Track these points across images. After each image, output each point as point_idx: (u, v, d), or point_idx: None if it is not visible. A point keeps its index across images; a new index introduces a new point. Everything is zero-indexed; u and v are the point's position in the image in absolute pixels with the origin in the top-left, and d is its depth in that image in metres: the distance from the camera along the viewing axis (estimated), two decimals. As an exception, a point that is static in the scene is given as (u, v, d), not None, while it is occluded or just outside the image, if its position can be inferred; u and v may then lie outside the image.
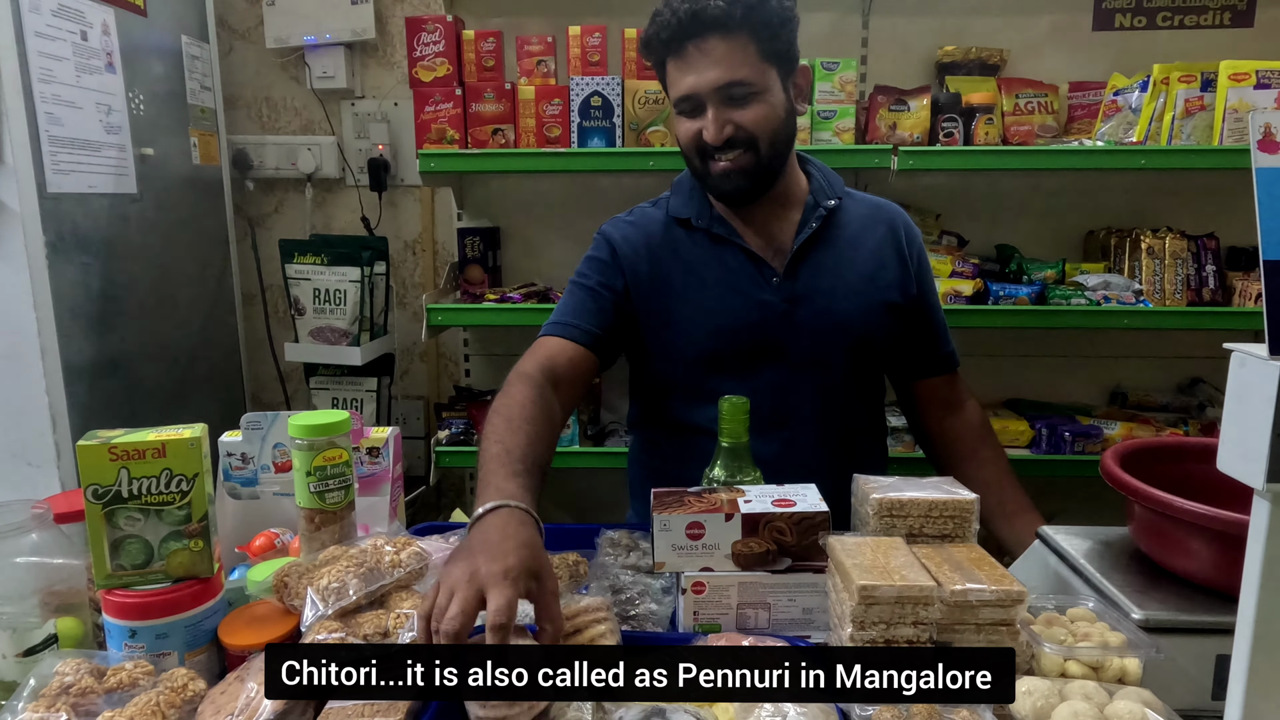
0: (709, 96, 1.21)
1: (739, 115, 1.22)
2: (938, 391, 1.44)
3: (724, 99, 1.21)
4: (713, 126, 1.22)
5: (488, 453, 1.01)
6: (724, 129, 1.22)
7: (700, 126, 1.23)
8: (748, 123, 1.22)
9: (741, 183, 1.26)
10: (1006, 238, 2.25)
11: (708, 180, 1.29)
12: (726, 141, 1.22)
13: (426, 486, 2.26)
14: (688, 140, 1.27)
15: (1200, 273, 1.99)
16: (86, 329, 1.80)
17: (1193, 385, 2.29)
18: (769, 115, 1.23)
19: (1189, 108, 1.87)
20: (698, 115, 1.24)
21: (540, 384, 1.17)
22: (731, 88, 1.20)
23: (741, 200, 1.31)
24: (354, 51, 2.37)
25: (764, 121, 1.23)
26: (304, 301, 2.18)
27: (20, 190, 1.62)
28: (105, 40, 1.84)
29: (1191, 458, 1.05)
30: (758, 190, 1.29)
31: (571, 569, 1.05)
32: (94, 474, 0.82)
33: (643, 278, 1.33)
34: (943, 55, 2.15)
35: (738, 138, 1.23)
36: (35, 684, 0.77)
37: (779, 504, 0.94)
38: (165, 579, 0.85)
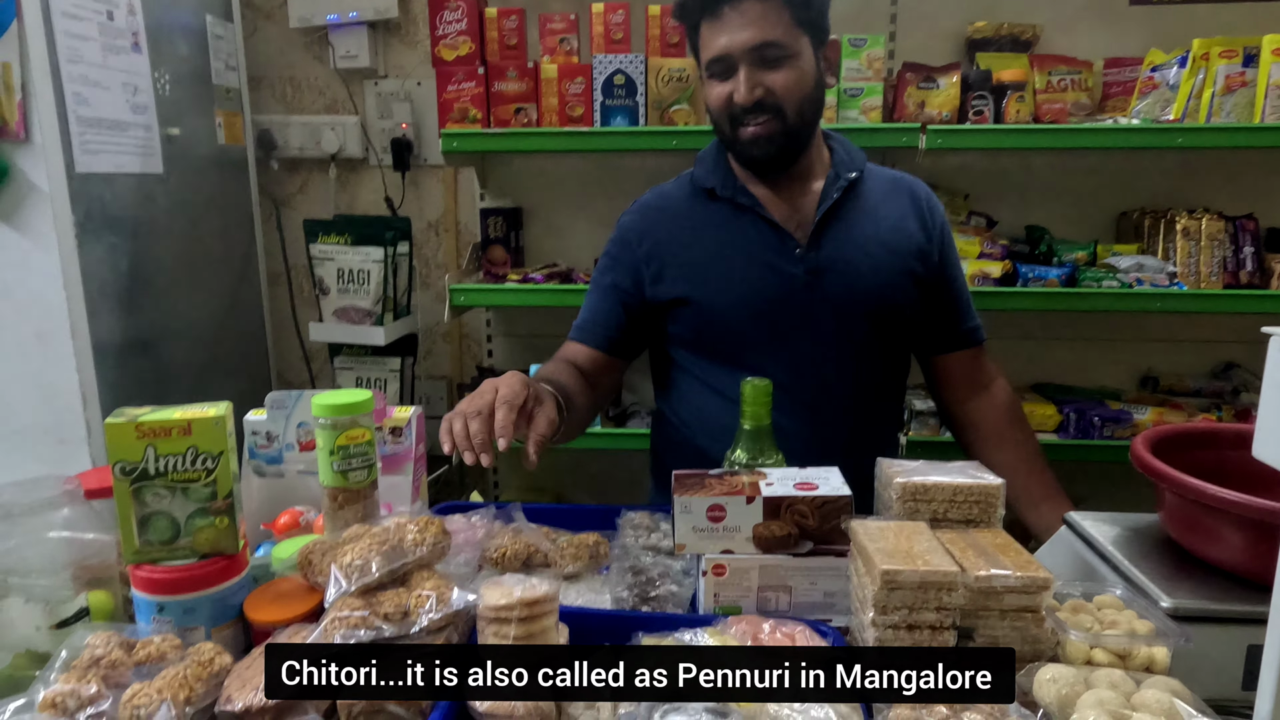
0: (741, 57, 1.22)
1: (770, 78, 1.22)
2: (962, 369, 1.42)
3: (756, 60, 1.22)
4: (744, 87, 1.22)
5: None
6: (754, 90, 1.22)
7: (731, 89, 1.24)
8: (778, 87, 1.23)
9: (769, 148, 1.27)
10: (1036, 218, 2.20)
11: (736, 146, 1.30)
12: (756, 104, 1.23)
13: (449, 466, 2.28)
14: (718, 104, 1.27)
15: (1238, 255, 1.94)
16: (115, 308, 1.82)
17: (1227, 370, 2.24)
18: (799, 81, 1.24)
19: (1230, 84, 1.82)
20: (729, 77, 1.25)
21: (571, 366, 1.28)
22: (764, 49, 1.21)
23: (768, 168, 1.31)
24: (377, 30, 2.36)
25: (794, 87, 1.23)
26: (328, 281, 2.20)
27: (49, 170, 1.64)
28: (131, 20, 1.85)
29: (1225, 444, 1.03)
30: (785, 158, 1.30)
31: (592, 549, 1.05)
32: (121, 451, 0.83)
33: (663, 255, 1.34)
34: (973, 31, 2.11)
35: (766, 102, 1.23)
36: (67, 655, 0.78)
37: (801, 487, 0.93)
38: (192, 555, 0.86)
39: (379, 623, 0.79)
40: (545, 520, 1.13)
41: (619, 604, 0.96)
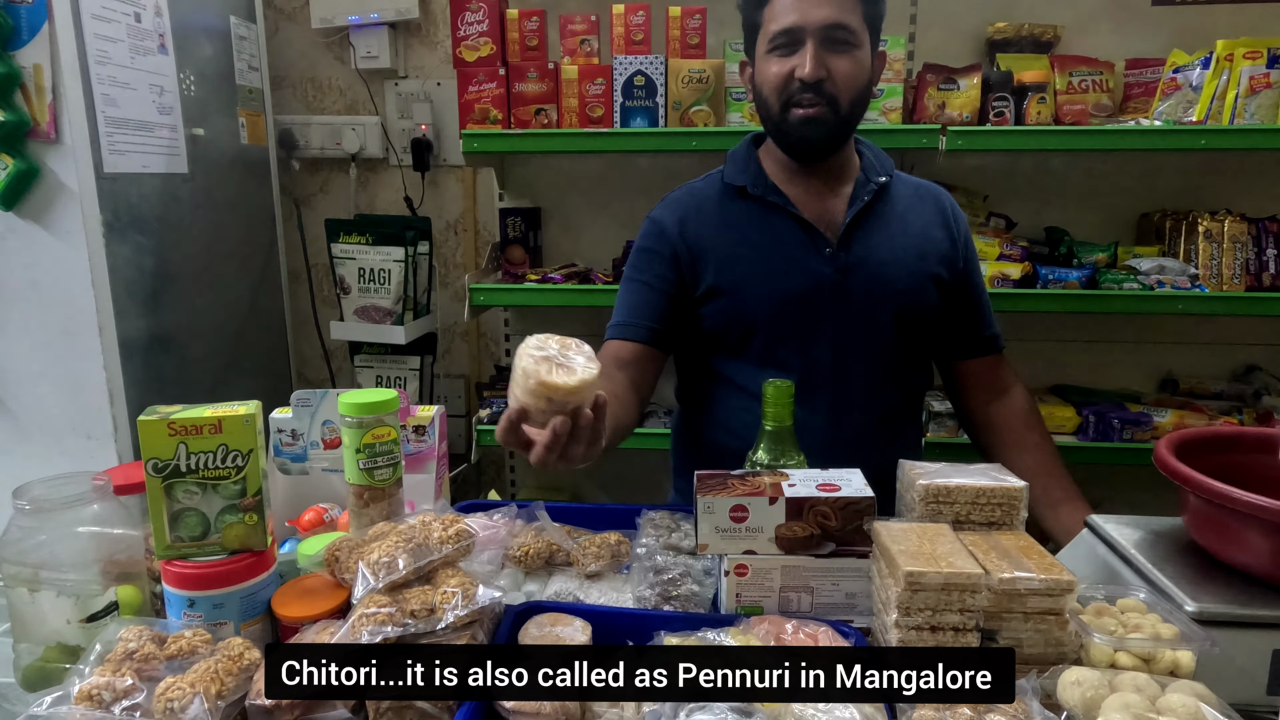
0: (813, 33, 1.22)
1: (834, 62, 1.23)
2: (982, 375, 1.43)
3: (825, 40, 1.22)
4: (811, 62, 1.22)
5: None
6: (819, 68, 1.22)
7: (793, 65, 1.24)
8: (839, 73, 1.23)
9: (819, 131, 1.27)
10: (1056, 220, 2.19)
11: (785, 125, 1.29)
12: (815, 85, 1.23)
13: (468, 464, 2.29)
14: (775, 81, 1.26)
15: (1260, 257, 1.92)
16: (141, 306, 1.85)
17: (1248, 373, 2.22)
18: (859, 72, 1.25)
19: (1254, 85, 1.80)
20: (792, 53, 1.24)
21: (609, 371, 1.22)
22: (836, 29, 1.22)
23: (812, 153, 1.31)
24: (398, 31, 2.38)
25: (852, 78, 1.24)
26: (349, 280, 2.22)
27: (78, 170, 1.66)
28: (158, 22, 1.87)
29: (1248, 448, 1.02)
30: (829, 146, 1.30)
31: (613, 549, 1.06)
32: (154, 448, 0.84)
33: (698, 248, 1.34)
34: (994, 32, 2.10)
35: (825, 87, 1.23)
36: (101, 649, 0.80)
37: (823, 488, 0.93)
38: (221, 551, 0.87)
39: (406, 619, 0.80)
40: (566, 519, 1.13)
41: (641, 603, 0.97)
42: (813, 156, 1.32)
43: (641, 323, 1.34)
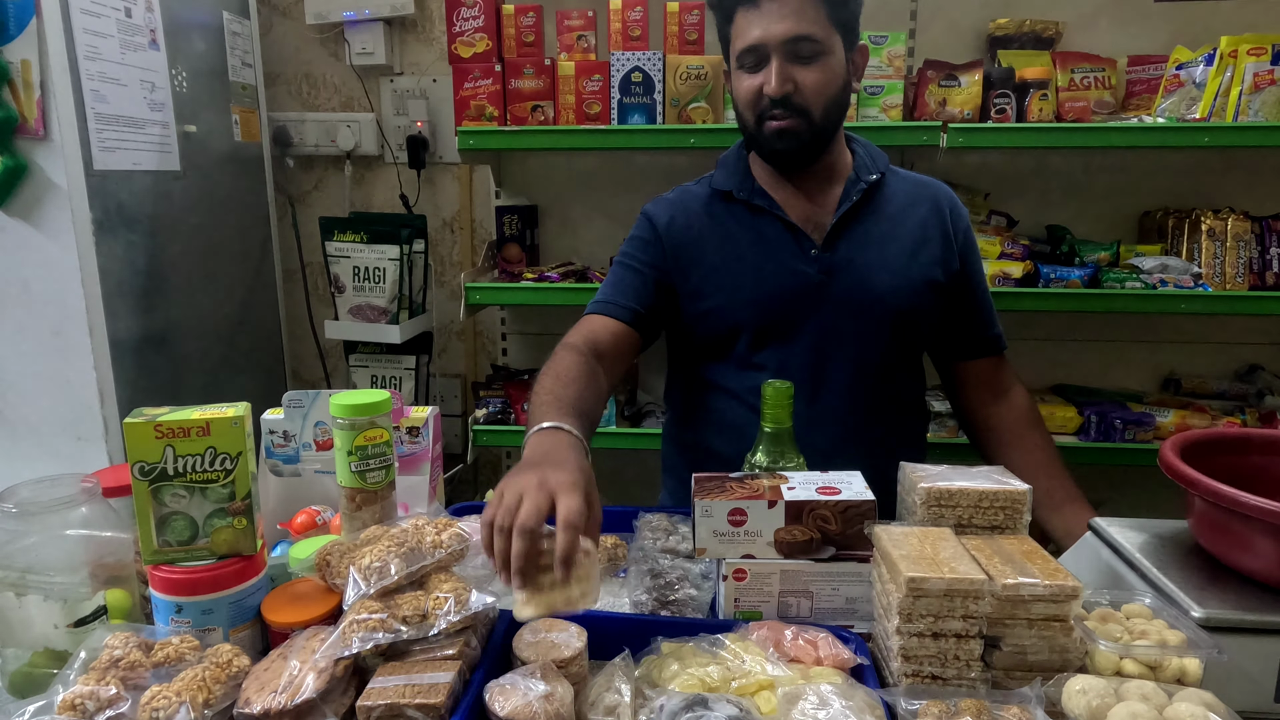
0: (775, 49, 1.21)
1: (801, 74, 1.22)
2: (982, 375, 1.41)
3: (789, 54, 1.21)
4: (776, 79, 1.21)
5: (539, 399, 1.05)
6: (785, 84, 1.21)
7: (761, 81, 1.23)
8: (807, 85, 1.22)
9: (793, 143, 1.26)
10: (1058, 218, 2.18)
11: (760, 139, 1.28)
12: (783, 100, 1.22)
13: (464, 465, 2.28)
14: (746, 96, 1.26)
15: (1264, 256, 1.90)
16: (132, 305, 1.83)
17: (1251, 372, 2.21)
18: (829, 81, 1.23)
19: (1258, 82, 1.79)
20: (759, 69, 1.24)
21: (586, 354, 1.20)
22: (798, 42, 1.20)
23: (791, 163, 1.31)
24: (393, 27, 2.36)
25: (822, 87, 1.23)
26: (344, 279, 2.20)
27: (68, 167, 1.64)
28: (149, 17, 1.85)
29: (1255, 449, 1.01)
30: (807, 156, 1.29)
31: (610, 552, 1.04)
32: (140, 451, 0.82)
33: (683, 250, 1.34)
34: (995, 28, 2.08)
35: (794, 100, 1.22)
36: (86, 656, 0.78)
37: (823, 491, 0.92)
38: (210, 556, 0.86)
39: (397, 625, 0.78)
40: (562, 522, 1.12)
41: (638, 608, 0.95)
42: (791, 167, 1.32)
43: (625, 303, 1.32)
